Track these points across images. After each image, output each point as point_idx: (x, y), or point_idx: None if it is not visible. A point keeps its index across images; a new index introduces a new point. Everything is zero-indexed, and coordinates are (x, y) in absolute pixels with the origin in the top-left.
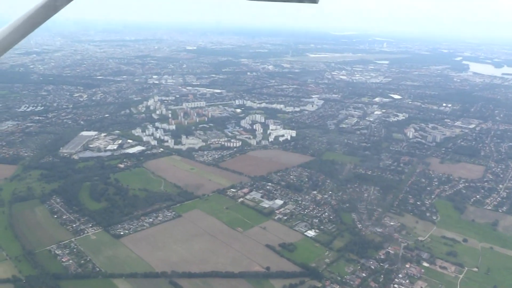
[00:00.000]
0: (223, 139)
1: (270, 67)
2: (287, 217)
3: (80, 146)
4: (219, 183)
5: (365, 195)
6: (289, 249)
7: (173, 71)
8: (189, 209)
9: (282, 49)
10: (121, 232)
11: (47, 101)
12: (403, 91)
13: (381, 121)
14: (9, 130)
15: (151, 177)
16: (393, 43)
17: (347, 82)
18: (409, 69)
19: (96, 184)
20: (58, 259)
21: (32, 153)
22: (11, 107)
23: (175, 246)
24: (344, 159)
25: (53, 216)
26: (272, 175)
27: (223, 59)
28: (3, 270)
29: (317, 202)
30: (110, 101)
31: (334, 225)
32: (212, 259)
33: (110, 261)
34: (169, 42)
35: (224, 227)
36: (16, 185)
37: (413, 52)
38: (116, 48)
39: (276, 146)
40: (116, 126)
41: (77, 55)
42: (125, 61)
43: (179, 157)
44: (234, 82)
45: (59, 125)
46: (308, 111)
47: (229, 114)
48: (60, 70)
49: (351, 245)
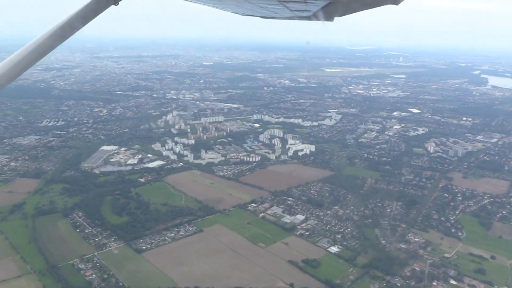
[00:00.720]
0: (242, 154)
1: (286, 82)
2: (309, 232)
3: (101, 160)
4: (239, 198)
5: (388, 211)
6: (312, 265)
7: (191, 86)
8: (211, 224)
9: (298, 64)
10: (143, 246)
11: (68, 116)
12: (422, 105)
13: (401, 136)
14: (31, 144)
15: (172, 192)
16: (409, 57)
17: (364, 96)
18: (427, 83)
19: (117, 198)
20: (81, 273)
21: (54, 167)
22: (33, 121)
23: (197, 261)
24: (364, 174)
25: (76, 230)
26: (293, 190)
27: (239, 74)
28: (27, 283)
29: (339, 218)
30: (130, 116)
31: (357, 241)
32: (235, 274)
33: (133, 275)
34: (185, 57)
35: (246, 242)
36: (39, 199)
37: (430, 66)
38: (134, 63)
39: (295, 160)
40: (136, 141)
41: (96, 71)
42: (143, 76)
43: (199, 171)
44: (251, 97)
45: (80, 140)
46: (326, 125)
47: (247, 129)
48: (80, 85)
49: (375, 262)
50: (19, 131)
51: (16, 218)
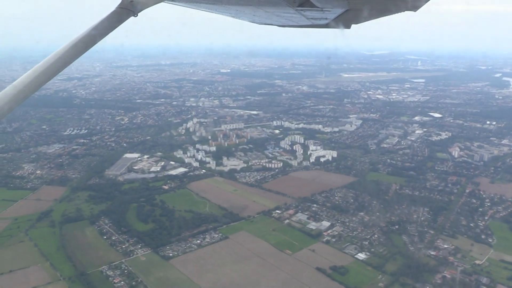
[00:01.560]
0: (264, 160)
1: (304, 87)
2: (336, 239)
3: (124, 168)
4: (263, 205)
5: (415, 217)
6: (340, 273)
7: (209, 94)
8: (236, 231)
9: (315, 70)
10: (170, 253)
11: (91, 124)
12: (443, 109)
13: (423, 140)
14: (56, 152)
15: (196, 199)
16: (428, 61)
17: (384, 101)
18: (447, 87)
19: (142, 206)
20: (109, 280)
21: (79, 175)
22: (57, 130)
23: (224, 268)
24: (388, 179)
25: (103, 237)
26: (317, 196)
27: (257, 81)
28: None
29: (365, 224)
30: (151, 123)
31: (385, 248)
32: (263, 282)
33: (161, 282)
34: (203, 65)
35: (273, 249)
36: (66, 206)
37: (450, 70)
38: (153, 72)
39: (317, 167)
40: (158, 148)
41: (116, 79)
42: (162, 84)
43: (221, 178)
44: (270, 104)
45: (103, 148)
46: (347, 131)
47: (268, 135)
48: (101, 94)
49: (404, 269)
50: (43, 139)
51: (44, 226)
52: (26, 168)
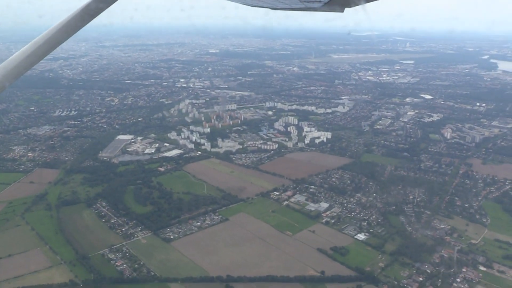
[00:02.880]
0: (259, 142)
1: (295, 69)
2: (335, 220)
3: (118, 150)
4: (261, 186)
5: (411, 197)
6: (341, 253)
7: (200, 74)
8: (235, 213)
9: (304, 51)
10: (171, 236)
11: (80, 105)
12: (433, 91)
13: (416, 122)
14: (47, 134)
15: (193, 181)
16: (416, 42)
17: (375, 82)
18: (436, 69)
19: (139, 188)
20: (112, 263)
21: (72, 157)
22: (46, 112)
23: (226, 250)
24: (383, 160)
25: (101, 220)
26: (314, 178)
27: (247, 62)
28: (60, 274)
29: (363, 205)
30: (142, 105)
31: (383, 228)
32: (265, 263)
33: (163, 265)
34: (191, 45)
35: (273, 230)
36: (61, 189)
37: (438, 52)
38: (140, 52)
39: (312, 148)
40: (151, 130)
41: (103, 60)
42: (151, 65)
43: (217, 160)
44: (261, 85)
45: (94, 129)
46: (340, 112)
47: (261, 117)
48: (89, 75)
49: (403, 249)
50: (33, 121)
51: (40, 209)
52: (17, 150)
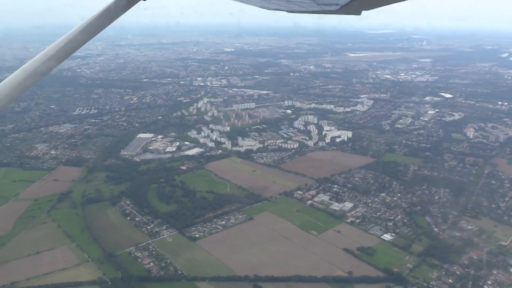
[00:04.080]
0: (279, 141)
1: (311, 67)
2: (360, 220)
3: (139, 148)
4: (284, 185)
5: (436, 198)
6: (368, 253)
7: (216, 73)
8: (259, 212)
9: (320, 49)
10: (196, 234)
11: (99, 104)
12: (453, 89)
13: (437, 121)
14: (68, 132)
15: (215, 179)
16: (432, 40)
17: (393, 81)
18: (455, 67)
19: (163, 186)
20: (139, 261)
21: (95, 155)
22: (66, 110)
23: (252, 249)
24: (406, 160)
25: (126, 218)
26: (336, 177)
27: (262, 60)
28: (88, 272)
29: (388, 205)
30: (160, 103)
31: (409, 229)
32: (292, 262)
33: (190, 263)
34: (206, 44)
35: (298, 230)
36: (85, 187)
37: (455, 50)
38: (156, 51)
39: (333, 147)
40: (171, 128)
41: (119, 58)
42: (167, 64)
43: (238, 159)
44: (278, 83)
45: (115, 128)
46: (359, 111)
47: (280, 115)
48: (106, 73)
49: (431, 250)
50: (53, 119)
51: (65, 207)
52: (40, 148)
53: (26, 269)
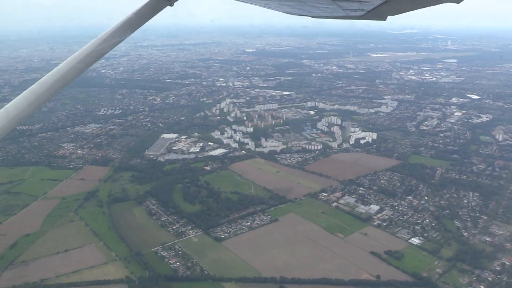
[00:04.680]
0: (302, 142)
1: (333, 68)
2: (386, 223)
3: (163, 148)
4: (308, 187)
5: (465, 201)
6: (396, 257)
7: (238, 74)
8: (284, 213)
9: (342, 50)
10: (222, 235)
11: (124, 104)
12: (480, 90)
13: (464, 123)
14: (94, 132)
15: (239, 180)
16: (458, 40)
17: (418, 82)
18: (481, 68)
19: (187, 187)
20: (165, 261)
21: (120, 155)
22: (91, 110)
23: (277, 251)
24: (433, 163)
25: (152, 217)
26: (361, 179)
27: (284, 61)
28: (115, 270)
29: (415, 208)
30: (183, 104)
31: (438, 233)
32: (318, 265)
33: (216, 264)
34: (227, 45)
35: (324, 232)
36: (111, 186)
37: (481, 50)
38: (178, 52)
39: (358, 149)
40: (194, 129)
41: (142, 59)
42: (189, 64)
43: (262, 159)
44: (300, 84)
45: (139, 128)
46: (383, 112)
47: (303, 116)
48: (130, 74)
49: (461, 255)
50: (79, 119)
51: (92, 205)
52: (67, 147)
53: (55, 267)
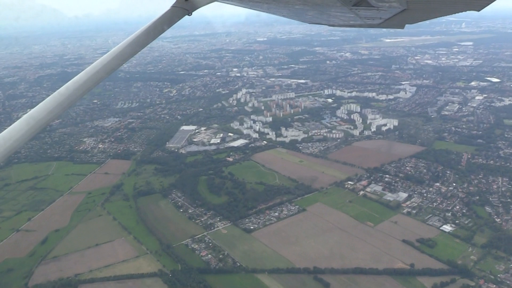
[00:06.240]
0: (323, 130)
1: (347, 54)
2: (416, 210)
3: (184, 140)
4: (333, 176)
5: (495, 187)
6: (428, 245)
7: (251, 63)
8: (311, 203)
9: (354, 35)
10: (251, 226)
11: (140, 97)
12: (500, 73)
13: (486, 107)
14: (113, 126)
15: (263, 170)
16: (472, 22)
17: (435, 66)
18: (499, 50)
19: (212, 178)
20: (196, 253)
21: (141, 148)
22: (109, 104)
23: (308, 241)
24: (457, 148)
25: (179, 210)
26: (387, 167)
27: (297, 49)
28: (147, 264)
29: (444, 195)
30: (199, 95)
31: (469, 219)
32: (351, 254)
33: (248, 255)
34: (238, 34)
35: (353, 221)
36: (135, 179)
37: (497, 31)
38: (189, 43)
39: (380, 136)
40: (213, 120)
41: (154, 52)
42: (201, 55)
43: (284, 149)
44: (315, 72)
45: (158, 121)
46: (402, 98)
47: (321, 105)
48: (143, 67)
49: (495, 241)
50: (97, 114)
51: (118, 199)
52: (88, 142)
53: (87, 261)
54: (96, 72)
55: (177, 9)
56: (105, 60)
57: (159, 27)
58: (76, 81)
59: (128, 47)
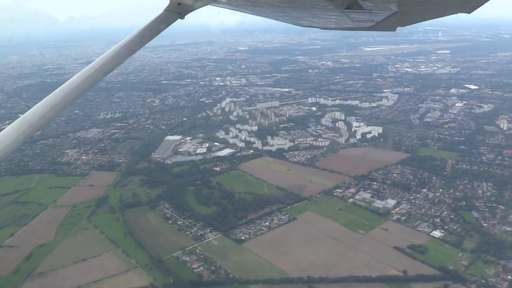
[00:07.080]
0: (309, 139)
1: (329, 63)
2: (405, 217)
3: (169, 150)
4: (322, 184)
5: (480, 192)
6: (419, 251)
7: (234, 72)
8: (301, 212)
9: (334, 44)
10: (242, 236)
11: (122, 107)
12: (478, 80)
13: (466, 113)
14: (96, 137)
15: (251, 180)
16: (448, 31)
17: (415, 74)
18: (475, 58)
19: (200, 189)
20: (188, 265)
21: (126, 159)
22: (91, 114)
23: (301, 250)
24: (441, 154)
25: (168, 222)
26: (374, 174)
27: (278, 58)
28: (138, 278)
29: (431, 201)
30: (183, 105)
31: (458, 225)
32: (344, 262)
33: (240, 266)
34: (219, 44)
35: (344, 229)
36: (121, 191)
37: (473, 40)
38: (170, 52)
39: (365, 143)
40: (198, 130)
41: (135, 61)
42: (183, 65)
43: (271, 158)
44: (298, 80)
45: (142, 131)
46: (385, 106)
47: (306, 113)
48: (125, 76)
49: (484, 245)
50: (80, 124)
51: (105, 212)
52: (70, 153)
53: (75, 276)
54: (90, 75)
55: (170, 12)
56: (95, 66)
57: (151, 32)
58: (70, 84)
59: (119, 52)
